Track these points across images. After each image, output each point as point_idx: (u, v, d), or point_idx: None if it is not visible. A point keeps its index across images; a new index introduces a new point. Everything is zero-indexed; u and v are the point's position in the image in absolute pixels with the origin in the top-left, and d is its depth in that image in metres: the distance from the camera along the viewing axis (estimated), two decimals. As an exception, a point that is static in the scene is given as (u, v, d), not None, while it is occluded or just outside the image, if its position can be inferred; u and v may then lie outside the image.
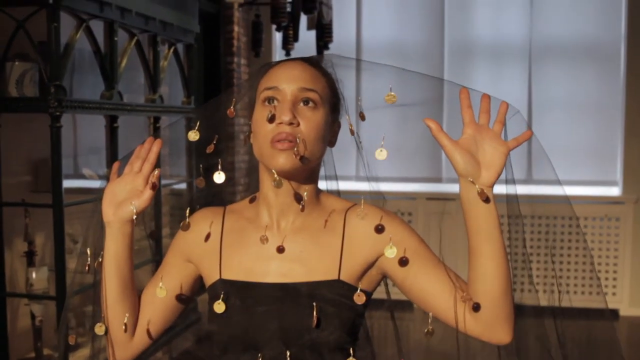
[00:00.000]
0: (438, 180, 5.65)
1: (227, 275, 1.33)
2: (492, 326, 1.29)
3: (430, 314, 1.30)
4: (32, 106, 2.70)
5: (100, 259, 1.38)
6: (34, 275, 2.93)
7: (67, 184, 3.35)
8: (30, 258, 2.99)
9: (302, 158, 1.26)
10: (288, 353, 1.24)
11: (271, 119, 1.26)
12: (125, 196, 1.35)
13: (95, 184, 3.52)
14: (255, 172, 1.37)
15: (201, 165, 1.37)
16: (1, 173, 2.74)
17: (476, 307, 1.27)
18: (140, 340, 1.41)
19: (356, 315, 1.30)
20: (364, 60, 1.59)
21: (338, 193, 1.46)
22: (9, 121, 2.81)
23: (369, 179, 1.46)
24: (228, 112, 1.35)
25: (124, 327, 1.37)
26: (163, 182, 3.65)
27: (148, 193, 1.35)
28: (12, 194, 2.92)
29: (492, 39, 5.60)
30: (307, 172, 1.32)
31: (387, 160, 1.37)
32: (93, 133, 3.44)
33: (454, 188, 5.13)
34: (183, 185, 3.94)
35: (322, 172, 1.40)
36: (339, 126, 1.39)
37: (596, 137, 5.52)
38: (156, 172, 1.37)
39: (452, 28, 5.65)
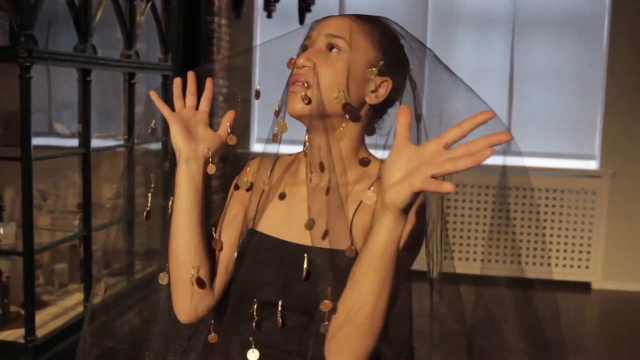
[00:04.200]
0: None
1: (257, 226, 1.30)
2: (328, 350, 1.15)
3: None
4: (2, 56, 2.62)
5: (170, 203, 1.29)
6: (1, 230, 2.87)
7: (41, 141, 3.29)
8: (-2, 213, 2.93)
9: (311, 103, 1.20)
10: (280, 302, 1.22)
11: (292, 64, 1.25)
12: (197, 134, 1.29)
13: (67, 141, 3.45)
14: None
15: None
16: (-32, 124, 2.67)
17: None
18: (219, 291, 1.33)
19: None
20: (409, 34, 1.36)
21: None
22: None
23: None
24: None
25: (195, 277, 1.27)
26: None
27: (227, 138, 1.31)
28: (-19, 147, 2.86)
29: (476, 8, 5.54)
30: (334, 124, 1.25)
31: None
32: (68, 88, 3.37)
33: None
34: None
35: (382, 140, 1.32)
36: (388, 85, 1.27)
37: (576, 110, 5.51)
38: (230, 115, 1.32)
39: (436, -5, 5.59)
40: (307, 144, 1.27)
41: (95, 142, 3.24)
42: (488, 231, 5.36)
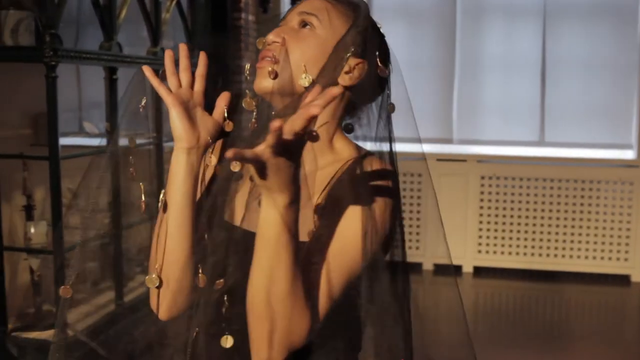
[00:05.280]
0: (449, 141, 5.57)
1: (227, 216, 1.24)
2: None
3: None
4: (27, 55, 2.64)
5: (162, 196, 1.23)
6: (32, 229, 2.89)
7: (71, 140, 3.31)
8: (29, 212, 2.95)
9: (278, 77, 1.15)
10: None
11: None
12: (196, 119, 1.23)
13: (95, 140, 3.47)
14: None
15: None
16: (-4, 125, 2.69)
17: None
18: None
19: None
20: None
21: (393, 156, 1.27)
22: (7, 72, 2.75)
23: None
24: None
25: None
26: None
27: (224, 124, 1.24)
28: (10, 147, 2.88)
29: (506, -4, 5.46)
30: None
31: (397, 120, 1.24)
32: (97, 87, 3.38)
33: (465, 149, 5.07)
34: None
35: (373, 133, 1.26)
36: (362, 68, 1.21)
37: (611, 99, 5.39)
38: (225, 97, 1.26)
39: (465, -15, 5.51)
40: None
41: (124, 141, 3.24)
42: (524, 224, 5.28)
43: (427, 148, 5.43)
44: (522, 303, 4.98)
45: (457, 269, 5.29)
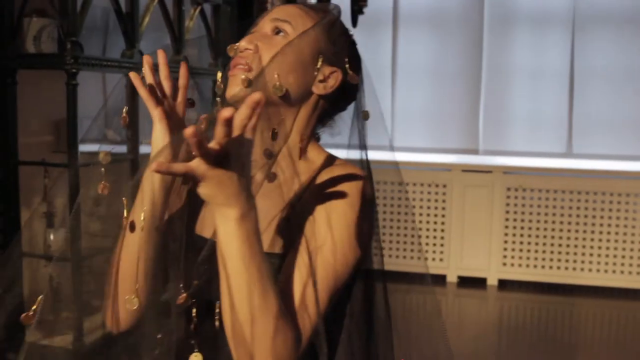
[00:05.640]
0: (475, 152, 5.50)
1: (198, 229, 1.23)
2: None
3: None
4: (49, 63, 2.64)
5: (127, 214, 1.18)
6: (51, 236, 2.90)
7: (94, 148, 3.31)
8: (49, 219, 2.95)
9: (251, 86, 1.10)
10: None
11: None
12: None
13: (118, 148, 3.47)
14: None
15: None
16: (18, 131, 2.69)
17: None
18: None
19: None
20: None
21: (366, 163, 1.25)
22: (29, 79, 2.76)
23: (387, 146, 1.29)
24: None
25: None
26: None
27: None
28: (32, 154, 2.88)
29: (534, 5, 5.39)
30: (279, 112, 1.16)
31: (423, 130, 1.22)
32: (121, 95, 3.39)
33: (491, 160, 4.97)
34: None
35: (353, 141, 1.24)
36: (338, 76, 1.21)
37: (640, 110, 5.30)
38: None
39: (493, -6, 5.46)
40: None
41: (145, 148, 3.24)
42: (549, 236, 5.19)
43: (452, 159, 5.38)
44: (548, 317, 4.89)
45: (482, 282, 5.22)
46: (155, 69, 1.20)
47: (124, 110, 1.23)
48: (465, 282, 5.23)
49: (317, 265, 1.08)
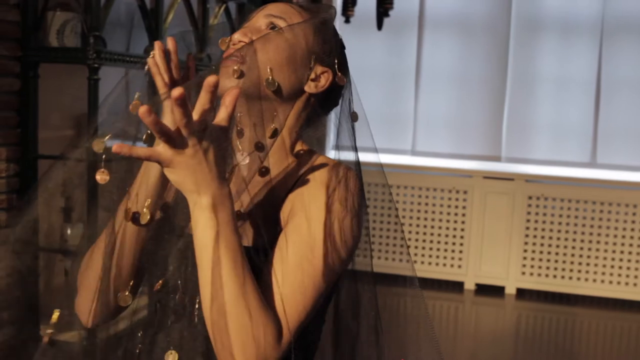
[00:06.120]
0: (497, 158, 5.45)
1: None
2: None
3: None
4: (71, 57, 2.64)
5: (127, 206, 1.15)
6: (68, 231, 2.89)
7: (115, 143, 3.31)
8: (67, 214, 2.95)
9: (243, 77, 1.09)
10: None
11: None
12: None
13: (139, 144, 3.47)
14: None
15: None
16: (38, 124, 2.69)
17: None
18: None
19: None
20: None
21: (358, 165, 1.24)
22: (51, 73, 2.76)
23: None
24: None
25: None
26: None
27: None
28: (52, 148, 2.88)
29: (562, 12, 5.31)
30: (271, 108, 1.15)
31: (445, 136, 1.20)
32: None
33: (513, 168, 4.91)
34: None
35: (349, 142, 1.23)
36: (328, 77, 1.20)
37: (669, 121, 5.21)
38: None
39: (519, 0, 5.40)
40: (238, 127, 1.14)
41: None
42: (570, 247, 5.12)
43: (474, 165, 5.33)
44: (566, 328, 4.83)
45: (500, 290, 5.16)
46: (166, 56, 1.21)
47: (136, 95, 1.19)
48: (483, 289, 5.18)
49: (297, 260, 1.06)
